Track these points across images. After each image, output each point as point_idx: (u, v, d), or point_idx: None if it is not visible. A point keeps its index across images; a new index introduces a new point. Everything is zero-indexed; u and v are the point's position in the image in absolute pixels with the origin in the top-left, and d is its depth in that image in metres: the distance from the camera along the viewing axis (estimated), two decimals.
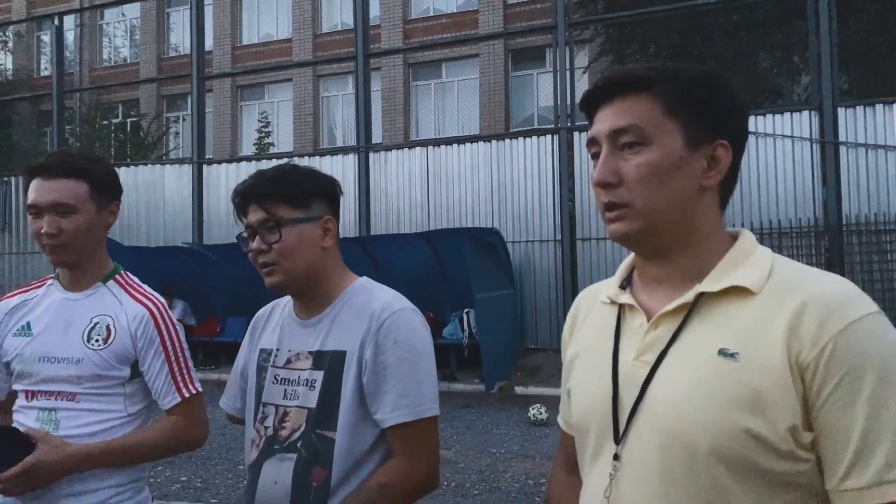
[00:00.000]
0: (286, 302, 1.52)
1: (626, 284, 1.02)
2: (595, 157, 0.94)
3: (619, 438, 0.91)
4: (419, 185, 10.74)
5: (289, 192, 1.37)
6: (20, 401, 1.59)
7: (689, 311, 0.90)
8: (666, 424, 0.86)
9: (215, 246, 10.98)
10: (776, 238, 8.91)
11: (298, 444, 1.35)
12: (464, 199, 10.49)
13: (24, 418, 1.56)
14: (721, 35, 12.27)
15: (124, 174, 12.58)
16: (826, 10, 8.65)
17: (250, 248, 1.38)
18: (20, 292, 1.69)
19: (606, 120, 0.92)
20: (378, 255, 9.45)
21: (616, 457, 0.91)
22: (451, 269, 9.26)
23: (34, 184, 1.54)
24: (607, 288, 1.05)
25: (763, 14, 11.76)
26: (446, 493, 4.85)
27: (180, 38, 20.49)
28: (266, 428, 1.41)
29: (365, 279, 1.49)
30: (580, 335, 1.07)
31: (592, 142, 0.95)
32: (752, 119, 9.23)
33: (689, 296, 0.90)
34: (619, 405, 0.92)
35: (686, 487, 0.84)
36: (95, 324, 1.57)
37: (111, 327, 1.57)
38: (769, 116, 9.16)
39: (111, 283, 1.64)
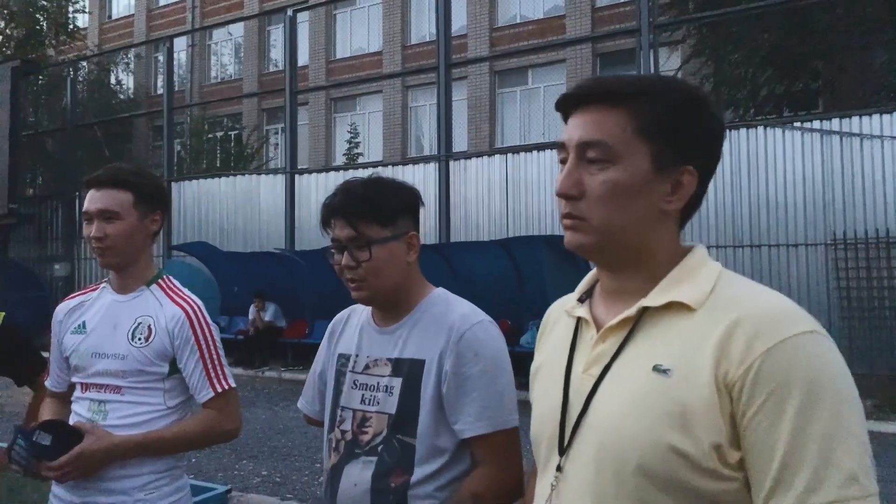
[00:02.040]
0: (364, 308, 1.56)
1: (585, 297, 1.01)
2: (563, 162, 0.93)
3: (563, 450, 0.92)
4: (499, 192, 10.77)
5: (378, 211, 1.40)
6: (77, 392, 1.77)
7: (633, 326, 0.89)
8: (602, 439, 0.86)
9: (305, 252, 11.50)
10: (883, 248, 8.22)
11: (380, 449, 1.40)
12: (543, 206, 10.41)
13: (79, 408, 1.74)
14: (825, 30, 11.47)
15: (224, 184, 13.46)
16: None
17: (338, 262, 1.42)
18: (78, 295, 1.90)
19: (577, 129, 0.91)
20: (456, 263, 9.54)
21: (559, 468, 0.92)
22: (529, 277, 9.21)
23: (89, 194, 1.73)
24: (571, 300, 1.05)
25: (872, 6, 10.89)
26: None
27: (279, 54, 21.64)
28: (344, 432, 1.46)
29: (441, 290, 1.52)
30: (544, 346, 1.08)
31: (562, 147, 0.94)
32: (857, 120, 8.59)
33: (632, 310, 0.89)
34: (567, 417, 0.93)
35: (615, 500, 0.84)
36: (139, 324, 1.73)
37: (152, 327, 1.73)
38: (876, 117, 8.48)
39: (154, 286, 1.81)
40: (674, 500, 0.80)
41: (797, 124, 9.05)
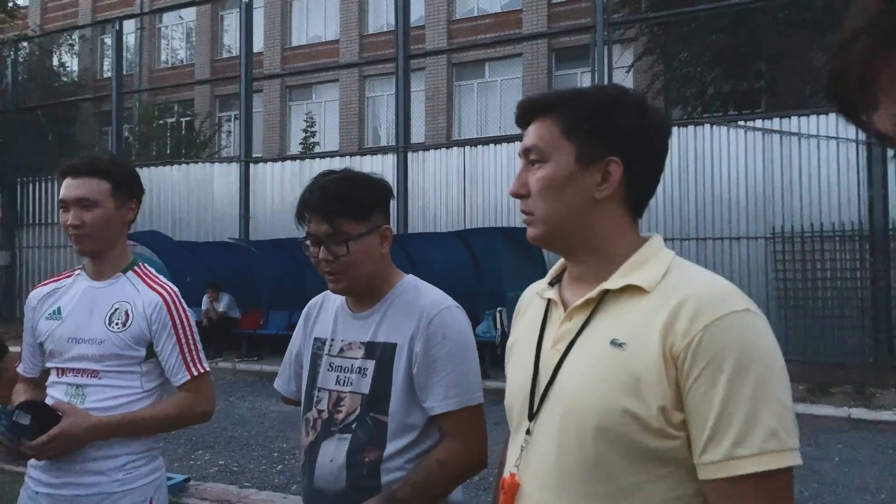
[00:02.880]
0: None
1: (555, 282, 1.14)
2: None
3: (532, 415, 1.04)
4: (456, 184, 10.88)
5: (354, 207, 1.48)
6: (52, 377, 1.81)
7: (595, 306, 1.02)
8: (565, 404, 0.99)
9: (260, 242, 11.39)
10: (818, 241, 8.69)
11: (353, 426, 1.49)
12: (500, 198, 10.58)
13: (56, 392, 1.78)
14: (770, 34, 11.97)
15: (176, 172, 13.17)
16: None
17: (314, 255, 1.50)
18: (52, 281, 1.92)
19: (525, 138, 1.07)
20: (414, 254, 9.62)
21: (528, 431, 1.04)
22: (486, 268, 9.36)
23: (65, 182, 1.76)
24: (543, 284, 1.18)
25: (813, 11, 11.42)
26: (468, 485, 4.99)
27: (233, 40, 21.19)
28: (321, 411, 1.54)
29: (411, 277, 1.62)
30: (519, 326, 1.21)
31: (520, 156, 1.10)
32: (796, 120, 9.02)
33: (594, 293, 1.02)
34: (536, 387, 1.05)
35: (577, 459, 0.96)
36: (116, 309, 1.78)
37: (129, 312, 1.78)
38: (813, 117, 8.93)
39: (130, 273, 1.86)
40: (626, 456, 0.93)
41: (741, 123, 9.45)
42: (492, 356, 9.05)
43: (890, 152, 8.16)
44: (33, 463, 1.77)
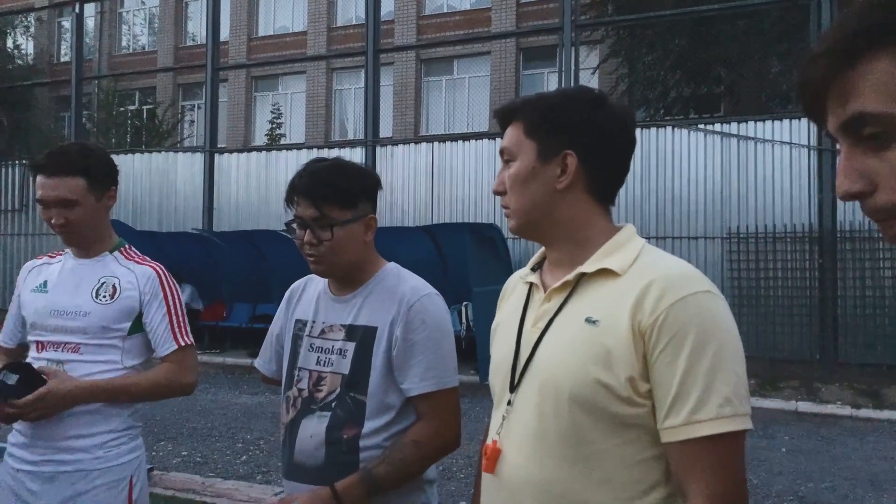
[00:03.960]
0: (320, 278, 1.69)
1: (537, 267, 1.24)
2: None
3: (513, 388, 1.14)
4: (424, 179, 10.94)
5: (341, 194, 1.53)
6: (32, 352, 1.82)
7: (572, 288, 1.12)
8: (544, 376, 1.08)
9: (224, 233, 11.25)
10: (770, 242, 9.02)
11: (333, 405, 1.55)
12: (467, 194, 10.69)
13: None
14: (728, 40, 12.36)
15: (138, 161, 12.90)
16: (829, 15, 8.74)
17: (300, 237, 1.55)
18: (45, 257, 1.96)
19: (502, 142, 1.19)
20: (381, 247, 9.35)
21: (509, 402, 1.14)
22: (452, 263, 9.44)
23: (39, 180, 1.76)
24: (526, 270, 1.28)
25: (769, 21, 11.84)
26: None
27: (197, 27, 20.79)
28: (301, 390, 1.59)
29: (393, 265, 1.68)
30: (504, 309, 1.30)
31: None
32: (752, 125, 9.35)
33: (571, 276, 1.12)
34: (517, 362, 1.15)
35: (554, 425, 1.06)
36: (103, 283, 1.82)
37: (117, 286, 1.81)
38: (769, 123, 9.26)
39: (116, 253, 1.89)
40: (598, 422, 1.03)
41: (701, 126, 9.74)
42: (457, 350, 9.14)
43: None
44: (13, 440, 1.78)
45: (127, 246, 1.92)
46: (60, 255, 1.93)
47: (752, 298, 9.02)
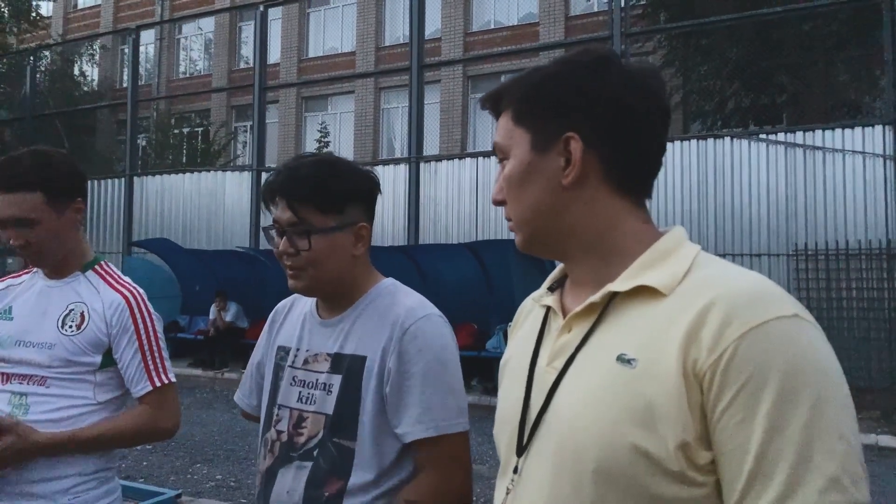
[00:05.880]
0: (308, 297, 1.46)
1: (556, 287, 0.93)
2: None
3: (521, 450, 0.84)
4: (468, 195, 10.73)
5: (323, 196, 1.28)
6: None
7: (600, 314, 0.81)
8: (560, 438, 0.78)
9: (270, 251, 11.24)
10: (843, 260, 8.39)
11: (315, 453, 1.29)
12: None
13: None
14: (792, 46, 11.73)
15: (188, 181, 13.16)
16: None
17: (276, 245, 1.32)
18: (8, 278, 1.75)
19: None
20: (424, 265, 9.47)
21: (516, 470, 0.84)
22: (498, 281, 9.17)
23: None
24: (542, 290, 0.97)
25: (837, 24, 11.17)
26: None
27: (251, 51, 21.33)
28: (280, 433, 1.35)
29: (391, 280, 1.41)
30: (514, 340, 1.00)
31: None
32: (820, 134, 8.76)
33: (597, 296, 0.81)
34: (527, 416, 0.84)
35: None
36: (70, 310, 1.60)
37: (85, 314, 1.60)
38: (839, 131, 8.66)
39: (90, 272, 1.67)
40: None
41: (763, 136, 9.20)
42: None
43: None
44: None
45: (103, 263, 1.71)
46: (28, 272, 1.73)
47: (822, 321, 8.31)
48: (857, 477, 0.67)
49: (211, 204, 12.78)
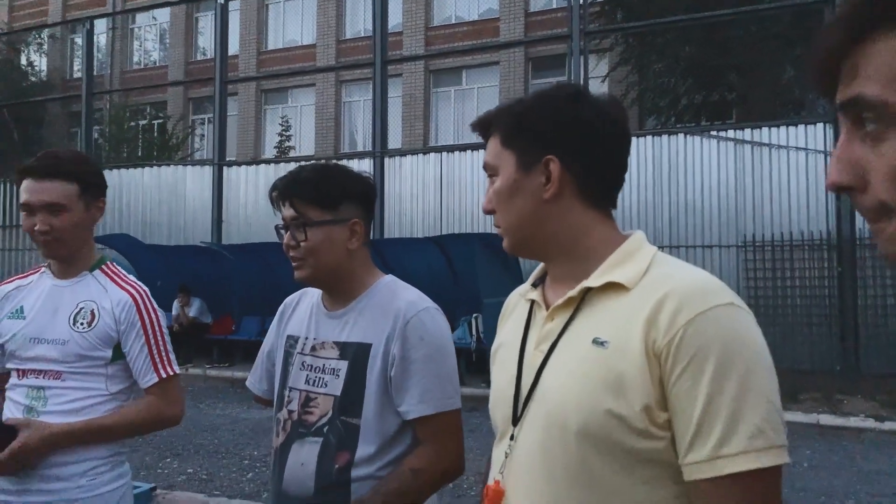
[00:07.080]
0: (315, 291, 1.61)
1: (539, 283, 1.12)
2: None
3: (516, 420, 1.01)
4: (433, 190, 10.88)
5: (319, 194, 1.46)
6: (13, 379, 1.73)
7: (578, 305, 1.00)
8: (549, 407, 0.96)
9: (233, 246, 11.21)
10: (788, 251, 8.84)
11: (325, 430, 1.45)
12: (476, 205, 10.59)
13: (16, 395, 1.70)
14: (740, 46, 12.21)
15: (147, 175, 12.93)
16: None
17: (283, 240, 1.50)
18: (16, 279, 1.84)
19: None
20: (390, 259, 9.57)
21: (512, 437, 1.01)
22: (462, 274, 9.35)
23: (26, 184, 1.67)
24: (527, 286, 1.16)
25: (782, 26, 11.69)
26: (443, 493, 4.93)
27: (208, 42, 20.93)
28: (291, 412, 1.50)
29: (390, 277, 1.58)
30: (504, 329, 1.18)
31: None
32: (767, 131, 9.20)
33: (574, 291, 1.00)
34: (519, 390, 1.02)
35: (561, 463, 0.93)
36: (81, 308, 1.71)
37: (95, 312, 1.71)
38: (784, 129, 9.11)
39: (97, 272, 1.79)
40: (610, 458, 0.90)
41: (713, 133, 9.60)
42: (467, 363, 9.03)
43: None
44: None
45: (109, 262, 1.83)
46: (35, 272, 1.83)
47: (769, 308, 8.83)
48: (776, 426, 0.86)
49: (171, 198, 12.60)
